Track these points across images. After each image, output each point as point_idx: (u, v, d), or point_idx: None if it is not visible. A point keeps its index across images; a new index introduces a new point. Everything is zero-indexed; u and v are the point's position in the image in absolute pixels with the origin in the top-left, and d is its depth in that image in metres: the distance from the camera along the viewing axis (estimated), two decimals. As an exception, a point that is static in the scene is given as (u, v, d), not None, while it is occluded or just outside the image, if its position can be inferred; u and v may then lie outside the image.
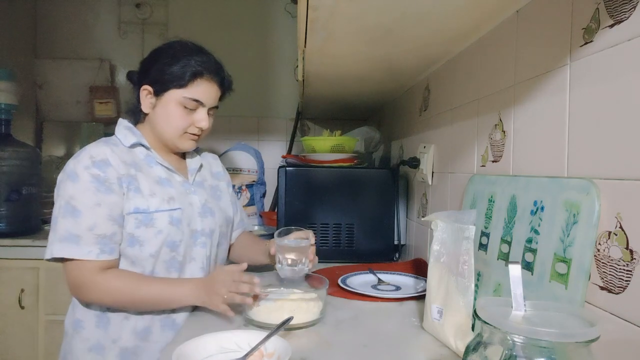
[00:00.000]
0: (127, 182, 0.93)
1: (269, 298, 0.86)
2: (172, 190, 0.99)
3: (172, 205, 0.96)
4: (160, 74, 0.97)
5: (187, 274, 0.98)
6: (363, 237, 1.39)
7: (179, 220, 0.96)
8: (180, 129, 0.98)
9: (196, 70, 0.96)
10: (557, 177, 0.67)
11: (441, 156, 1.21)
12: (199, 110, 0.99)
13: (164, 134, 1.00)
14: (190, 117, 0.98)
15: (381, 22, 0.89)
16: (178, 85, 0.96)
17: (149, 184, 0.96)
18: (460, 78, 1.08)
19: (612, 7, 0.57)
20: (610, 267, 0.56)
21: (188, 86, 0.96)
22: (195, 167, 1.09)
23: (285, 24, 2.28)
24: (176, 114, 0.97)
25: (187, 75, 0.96)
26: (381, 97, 1.76)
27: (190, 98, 0.96)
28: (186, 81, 0.96)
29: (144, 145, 1.01)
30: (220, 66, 1.03)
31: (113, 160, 0.93)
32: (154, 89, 0.98)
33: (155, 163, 1.01)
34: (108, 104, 2.24)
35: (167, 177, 1.01)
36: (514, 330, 0.44)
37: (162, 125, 0.99)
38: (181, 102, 0.97)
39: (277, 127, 2.33)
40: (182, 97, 0.96)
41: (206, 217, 1.03)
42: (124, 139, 1.00)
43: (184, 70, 0.96)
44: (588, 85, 0.62)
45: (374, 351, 0.73)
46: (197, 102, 0.97)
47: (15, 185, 1.73)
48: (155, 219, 0.93)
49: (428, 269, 0.81)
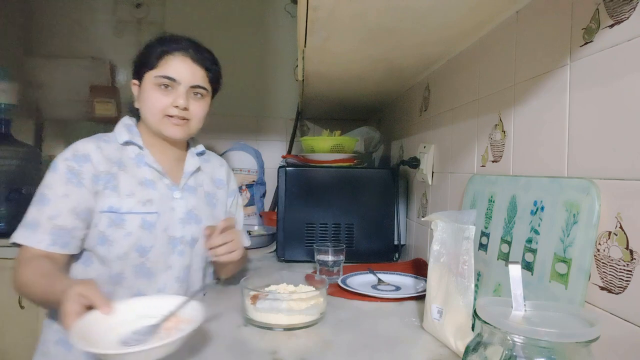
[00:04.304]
0: (105, 180, 0.92)
1: (268, 298, 0.86)
2: (154, 193, 0.97)
3: (147, 209, 0.94)
4: (136, 63, 0.99)
5: (160, 283, 0.96)
6: (363, 237, 1.38)
7: (153, 224, 0.94)
8: (158, 111, 0.96)
9: (163, 49, 0.96)
10: (557, 177, 0.67)
11: (441, 156, 1.21)
12: (177, 89, 0.97)
13: (148, 121, 0.99)
14: (168, 98, 0.96)
15: (381, 21, 0.89)
16: (149, 67, 0.96)
17: (129, 184, 0.95)
18: (460, 78, 1.08)
19: (612, 7, 0.57)
20: (610, 267, 0.56)
21: (158, 65, 0.96)
22: (190, 170, 1.06)
23: (285, 24, 2.28)
24: (152, 96, 0.96)
25: (155, 54, 0.96)
26: (381, 97, 1.76)
27: (161, 76, 0.95)
28: (155, 60, 0.96)
29: (136, 144, 1.00)
30: (195, 43, 1.01)
31: (95, 156, 0.93)
32: (138, 81, 1.00)
33: (144, 163, 0.99)
34: (108, 104, 2.23)
35: (153, 179, 0.99)
36: (514, 330, 0.44)
37: (144, 112, 0.99)
38: (155, 83, 0.96)
39: (277, 127, 2.33)
40: (154, 77, 0.96)
41: (189, 225, 1.00)
42: (118, 135, 1.00)
43: (152, 51, 0.97)
44: (588, 86, 0.62)
45: (374, 351, 0.73)
46: (169, 79, 0.95)
47: (15, 185, 1.73)
48: (126, 220, 0.91)
49: (428, 269, 0.81)
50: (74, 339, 0.61)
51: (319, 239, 1.36)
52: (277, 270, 1.28)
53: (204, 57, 1.01)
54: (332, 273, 1.14)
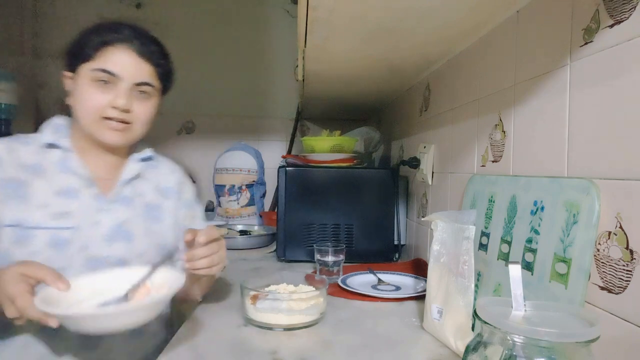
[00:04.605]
0: (13, 188, 0.79)
1: (268, 298, 0.86)
2: (74, 205, 0.83)
3: (60, 223, 0.79)
4: (68, 52, 0.84)
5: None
6: (363, 237, 1.38)
7: (66, 242, 0.80)
8: (93, 111, 0.82)
9: (103, 38, 0.81)
10: (557, 177, 0.67)
11: (441, 156, 1.21)
12: (117, 85, 0.82)
13: (80, 122, 0.84)
14: (106, 96, 0.82)
15: (381, 21, 0.89)
16: (85, 58, 0.81)
17: (44, 194, 0.81)
18: (460, 78, 1.08)
19: (612, 7, 0.57)
20: (610, 267, 0.56)
21: (96, 57, 0.81)
22: (126, 178, 0.91)
23: (285, 24, 2.28)
24: (87, 93, 0.81)
25: (92, 44, 0.81)
26: (381, 97, 1.76)
27: (98, 69, 0.81)
28: (92, 50, 0.81)
29: (60, 146, 0.86)
30: (141, 33, 0.86)
31: (4, 159, 0.80)
32: (71, 73, 0.85)
33: (66, 169, 0.85)
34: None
35: (77, 187, 0.85)
36: (514, 330, 0.44)
37: (77, 111, 0.84)
38: (91, 77, 0.81)
39: (277, 127, 2.33)
40: (90, 70, 0.81)
41: (117, 242, 0.85)
42: (42, 136, 0.87)
43: (89, 38, 0.82)
44: (588, 86, 0.62)
45: (374, 351, 0.73)
46: (109, 74, 0.81)
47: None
48: (32, 236, 0.77)
49: (428, 269, 0.81)
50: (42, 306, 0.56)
51: (319, 239, 1.35)
52: (277, 270, 1.28)
53: (152, 50, 0.86)
54: (332, 273, 1.14)
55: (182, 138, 2.25)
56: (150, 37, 0.88)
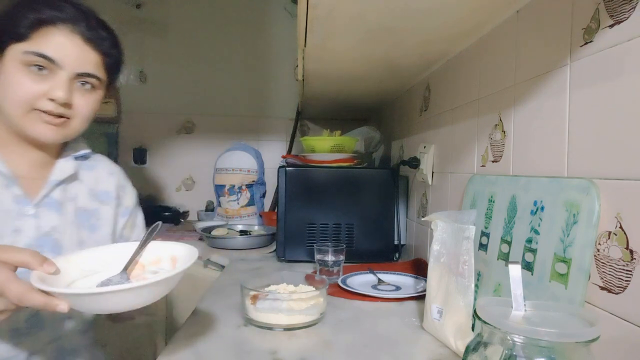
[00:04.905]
0: None
1: (268, 298, 0.86)
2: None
3: None
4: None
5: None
6: (363, 237, 1.38)
7: None
8: (22, 101, 0.69)
9: (42, 15, 0.68)
10: (557, 177, 0.67)
11: (441, 156, 1.21)
12: (56, 74, 0.70)
13: (5, 111, 0.71)
14: (41, 86, 0.70)
15: (381, 21, 0.89)
16: (16, 37, 0.68)
17: None
18: (460, 78, 1.08)
19: (612, 7, 0.57)
20: (610, 267, 0.56)
21: (31, 37, 0.68)
22: (57, 179, 0.78)
23: (285, 24, 2.28)
24: (17, 79, 0.69)
25: (27, 21, 0.68)
26: (381, 97, 1.76)
27: (34, 52, 0.68)
28: (26, 28, 0.68)
29: None
30: (88, 14, 0.74)
31: None
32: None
33: None
34: (108, 103, 2.23)
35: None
36: (514, 330, 0.44)
37: (2, 100, 0.71)
38: (23, 61, 0.69)
39: (277, 127, 2.33)
40: (22, 52, 0.68)
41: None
42: None
43: (22, 13, 0.68)
44: (588, 86, 0.62)
45: (374, 351, 0.73)
46: (46, 60, 0.69)
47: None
48: None
49: (428, 269, 0.81)
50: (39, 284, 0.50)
51: (319, 239, 1.35)
52: (277, 270, 1.28)
53: (100, 36, 0.75)
54: (332, 273, 1.14)
55: (182, 138, 2.25)
56: (99, 19, 0.77)
